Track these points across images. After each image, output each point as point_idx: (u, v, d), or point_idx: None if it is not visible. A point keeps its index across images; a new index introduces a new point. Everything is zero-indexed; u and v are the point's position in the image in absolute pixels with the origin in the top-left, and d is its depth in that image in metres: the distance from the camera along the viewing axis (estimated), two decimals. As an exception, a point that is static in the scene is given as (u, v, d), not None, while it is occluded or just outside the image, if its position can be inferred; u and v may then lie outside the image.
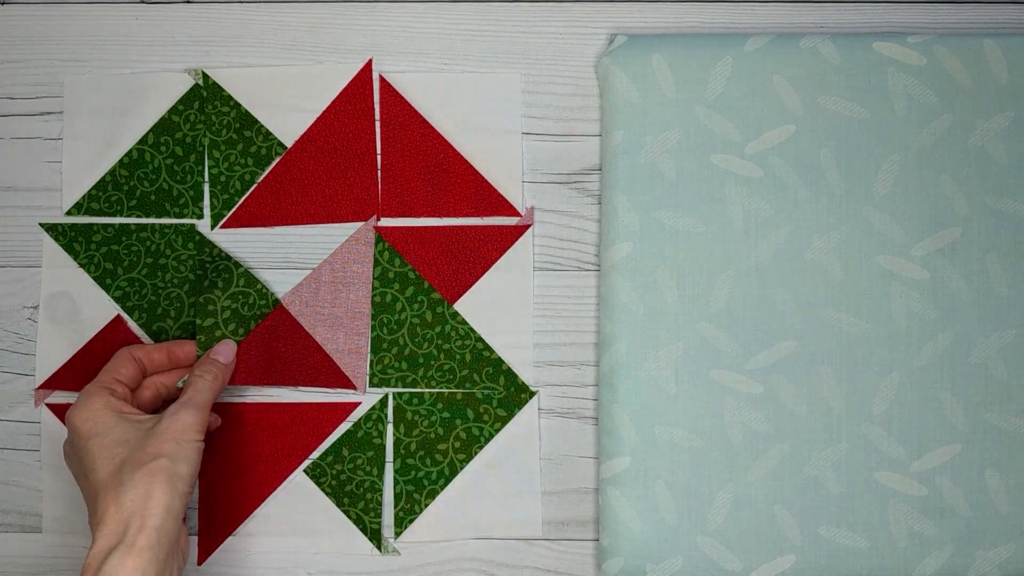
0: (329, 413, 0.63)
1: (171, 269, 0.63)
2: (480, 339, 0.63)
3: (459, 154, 0.63)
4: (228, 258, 0.63)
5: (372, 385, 0.63)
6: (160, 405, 0.61)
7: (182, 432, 0.55)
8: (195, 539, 0.63)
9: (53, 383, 0.63)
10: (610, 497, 0.61)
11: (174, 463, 0.54)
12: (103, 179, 0.64)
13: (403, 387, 0.63)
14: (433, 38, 0.64)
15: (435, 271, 0.63)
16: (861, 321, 0.61)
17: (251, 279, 0.63)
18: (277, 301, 0.63)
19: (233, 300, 0.63)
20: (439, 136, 0.63)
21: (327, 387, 0.63)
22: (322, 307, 0.63)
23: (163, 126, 0.64)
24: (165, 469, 0.53)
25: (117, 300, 0.63)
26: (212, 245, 0.63)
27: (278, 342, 0.63)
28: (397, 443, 0.63)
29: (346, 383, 0.63)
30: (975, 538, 0.60)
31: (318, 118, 0.64)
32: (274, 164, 0.64)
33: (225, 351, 0.61)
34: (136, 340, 0.63)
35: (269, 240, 0.64)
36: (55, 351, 0.63)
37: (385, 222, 0.63)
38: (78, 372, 0.63)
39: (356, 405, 0.63)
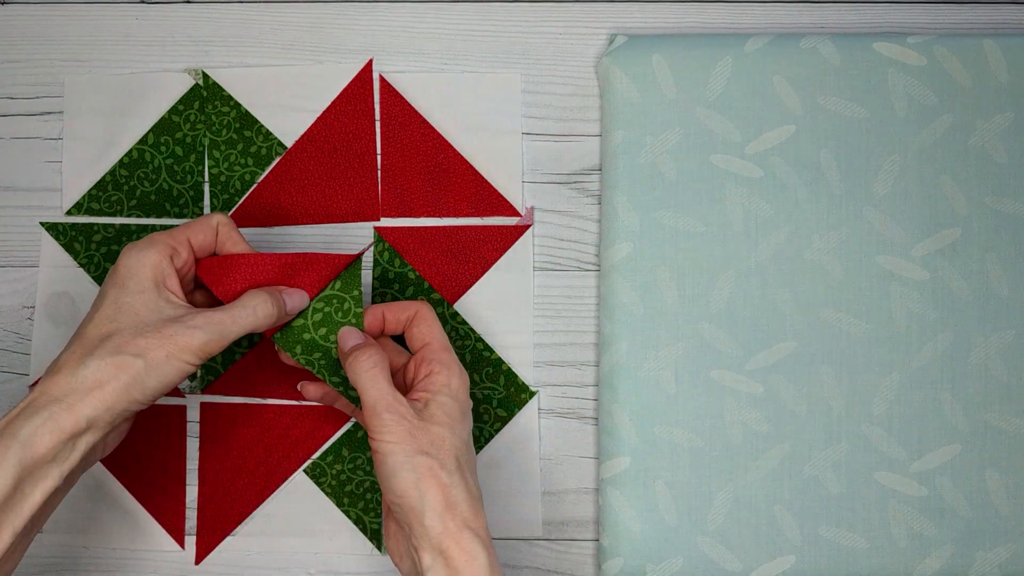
0: (331, 415, 0.63)
1: (171, 269, 0.63)
2: (480, 339, 0.63)
3: (459, 154, 0.63)
4: None
5: (372, 385, 0.63)
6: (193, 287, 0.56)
7: (181, 350, 0.50)
8: (193, 539, 0.63)
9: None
10: (610, 497, 0.61)
11: (147, 373, 0.49)
12: (103, 179, 0.64)
13: (403, 387, 0.63)
14: (433, 38, 0.64)
15: (435, 271, 0.63)
16: (861, 321, 0.61)
17: None
18: None
19: None
20: (439, 136, 0.63)
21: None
22: None
23: (163, 126, 0.64)
24: (136, 373, 0.49)
25: (117, 300, 0.63)
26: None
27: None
28: (397, 443, 0.63)
29: None
30: (975, 538, 0.60)
31: (318, 118, 0.64)
32: (274, 164, 0.64)
33: (297, 301, 0.55)
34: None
35: (269, 240, 0.64)
36: (51, 350, 0.63)
37: (385, 222, 0.63)
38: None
39: (356, 405, 0.63)
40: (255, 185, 0.64)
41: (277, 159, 0.64)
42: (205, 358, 0.51)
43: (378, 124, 0.64)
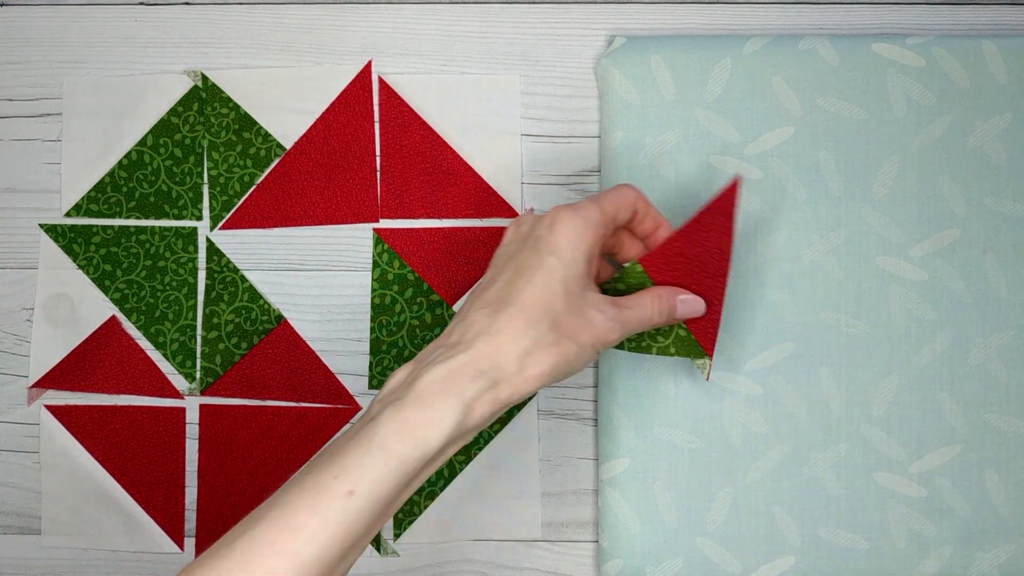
0: (330, 416, 0.63)
1: (170, 272, 0.63)
2: (479, 340, 0.63)
3: (458, 156, 0.63)
4: (235, 270, 0.63)
5: (372, 387, 0.63)
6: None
7: (598, 340, 0.50)
8: (192, 540, 0.63)
9: (46, 383, 0.63)
10: (609, 498, 0.61)
11: (577, 358, 0.49)
12: (102, 181, 0.64)
13: (402, 388, 0.63)
14: (432, 40, 0.64)
15: (434, 272, 0.63)
16: (860, 322, 0.61)
17: (255, 294, 0.63)
18: (280, 317, 0.63)
19: (236, 314, 0.63)
20: (438, 138, 0.63)
21: (329, 404, 0.63)
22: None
23: (162, 128, 0.64)
24: (569, 362, 0.49)
25: (115, 302, 0.63)
26: (221, 255, 0.63)
27: (281, 358, 0.63)
28: (396, 445, 0.63)
29: (348, 400, 0.63)
30: (974, 539, 0.60)
31: (317, 120, 0.64)
32: (273, 166, 0.64)
33: (691, 308, 0.54)
34: (132, 341, 0.63)
35: (268, 241, 0.64)
36: (50, 351, 0.63)
37: (384, 223, 0.63)
38: (71, 372, 0.63)
39: (357, 409, 0.63)
40: (254, 187, 0.64)
41: (276, 161, 0.64)
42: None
43: (377, 126, 0.64)
